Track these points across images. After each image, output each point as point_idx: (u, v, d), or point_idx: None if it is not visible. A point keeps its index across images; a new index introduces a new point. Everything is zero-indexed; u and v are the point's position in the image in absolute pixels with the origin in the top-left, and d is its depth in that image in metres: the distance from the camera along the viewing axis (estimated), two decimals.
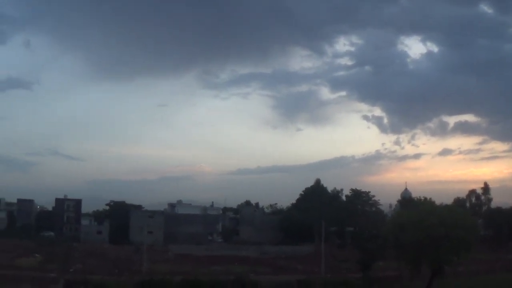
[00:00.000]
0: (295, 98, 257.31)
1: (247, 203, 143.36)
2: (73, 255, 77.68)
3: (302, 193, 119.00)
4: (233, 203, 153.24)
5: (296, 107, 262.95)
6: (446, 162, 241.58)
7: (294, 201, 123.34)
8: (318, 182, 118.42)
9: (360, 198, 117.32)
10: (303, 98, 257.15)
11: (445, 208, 58.55)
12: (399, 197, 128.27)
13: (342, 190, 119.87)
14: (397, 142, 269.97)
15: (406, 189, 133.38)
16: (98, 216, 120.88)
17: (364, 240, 76.47)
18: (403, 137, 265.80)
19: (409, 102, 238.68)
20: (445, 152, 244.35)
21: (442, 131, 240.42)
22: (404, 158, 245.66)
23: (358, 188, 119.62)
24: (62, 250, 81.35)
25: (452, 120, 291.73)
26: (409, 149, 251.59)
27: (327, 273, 64.66)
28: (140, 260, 69.52)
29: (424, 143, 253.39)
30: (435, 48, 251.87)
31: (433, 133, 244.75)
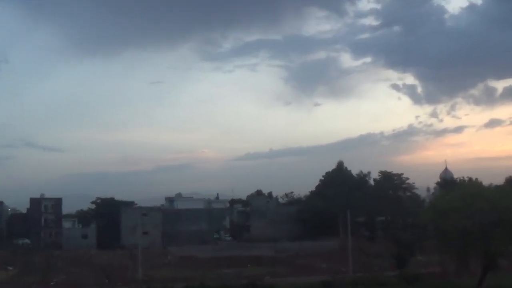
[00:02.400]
0: (311, 68, 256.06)
1: (258, 193, 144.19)
2: (55, 265, 77.64)
3: (323, 178, 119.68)
4: (242, 193, 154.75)
5: (313, 79, 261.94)
6: (494, 135, 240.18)
7: (313, 189, 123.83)
8: (340, 164, 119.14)
9: (392, 182, 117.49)
10: (321, 67, 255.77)
11: (495, 189, 57.47)
12: (438, 179, 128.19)
13: (369, 173, 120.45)
14: (433, 114, 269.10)
15: (446, 168, 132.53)
16: (83, 217, 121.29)
17: (398, 231, 76.30)
18: (441, 108, 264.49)
19: (447, 66, 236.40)
20: (493, 123, 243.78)
21: (489, 98, 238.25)
22: (443, 132, 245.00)
23: (388, 170, 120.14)
24: (41, 259, 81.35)
25: (500, 84, 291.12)
26: (448, 122, 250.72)
27: (356, 271, 64.49)
28: (134, 267, 69.30)
29: (467, 114, 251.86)
30: (478, 0, 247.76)
31: (478, 101, 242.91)
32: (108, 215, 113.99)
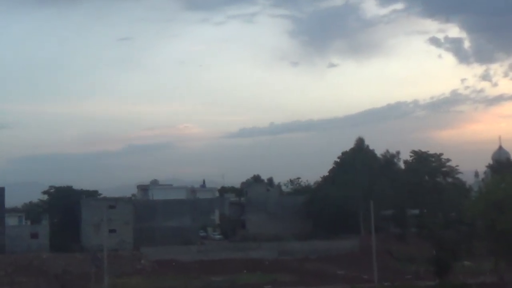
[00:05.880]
0: (325, 17, 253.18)
1: (256, 178, 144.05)
2: None
3: (338, 160, 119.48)
4: (235, 180, 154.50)
5: (327, 32, 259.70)
6: None
7: (325, 173, 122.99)
8: (360, 142, 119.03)
9: (428, 165, 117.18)
10: (337, 17, 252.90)
11: None
12: (490, 161, 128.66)
13: (398, 153, 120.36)
14: (485, 77, 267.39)
15: (500, 147, 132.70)
16: (32, 212, 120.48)
17: (437, 228, 76.34)
18: (496, 68, 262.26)
19: (505, 13, 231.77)
20: None
21: None
22: (498, 100, 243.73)
23: (423, 150, 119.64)
24: None
25: None
26: (505, 86, 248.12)
27: (383, 280, 65.09)
28: (99, 274, 69.38)
29: None
30: None
31: None
32: (65, 208, 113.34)
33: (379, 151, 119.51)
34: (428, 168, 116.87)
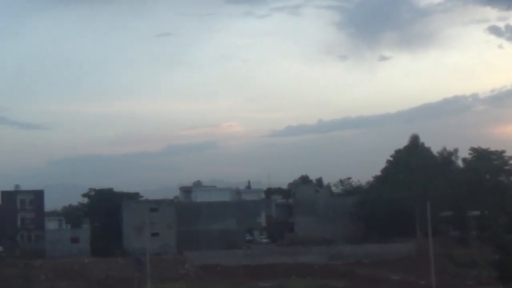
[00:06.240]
0: (375, 7, 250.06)
1: (304, 179, 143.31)
2: (37, 279, 78.87)
3: (391, 159, 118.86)
4: (282, 180, 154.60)
5: (377, 23, 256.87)
6: None
7: (378, 173, 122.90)
8: (415, 139, 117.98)
9: (489, 163, 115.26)
10: (388, 6, 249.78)
11: None
12: None
13: (456, 150, 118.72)
14: None
15: None
16: (72, 215, 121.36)
17: (501, 230, 75.00)
18: None
19: None
20: None
21: None
22: None
23: (484, 147, 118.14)
24: (17, 272, 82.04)
25: None
26: None
27: (442, 285, 64.50)
28: (141, 279, 69.63)
29: None
30: None
31: None
32: (105, 211, 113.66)
33: (435, 149, 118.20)
34: (489, 166, 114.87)
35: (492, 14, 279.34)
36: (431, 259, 64.94)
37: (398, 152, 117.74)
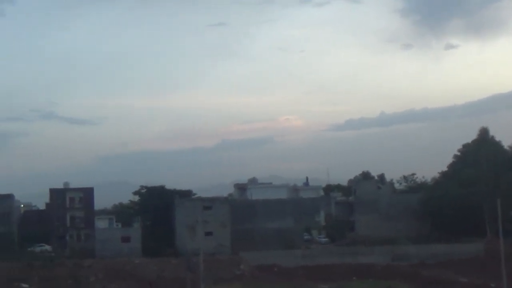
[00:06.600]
0: None
1: (365, 175, 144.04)
2: (87, 280, 78.64)
3: (458, 153, 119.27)
4: (342, 177, 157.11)
5: (444, 9, 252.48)
6: None
7: (444, 168, 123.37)
8: (484, 132, 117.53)
9: None
10: None
11: None
12: None
13: None
14: None
15: None
16: (122, 213, 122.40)
17: None
18: None
19: None
20: None
21: None
22: None
23: None
24: (67, 272, 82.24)
25: None
26: None
27: None
28: (194, 280, 68.62)
29: None
30: None
31: None
32: (157, 210, 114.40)
33: (506, 142, 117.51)
34: None
35: None
36: (502, 260, 63.39)
37: (466, 146, 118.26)
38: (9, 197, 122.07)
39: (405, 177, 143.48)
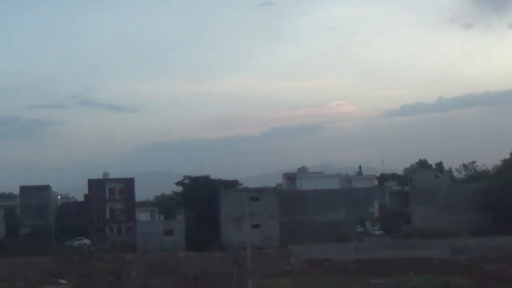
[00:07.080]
0: None
1: (422, 164, 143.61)
2: (128, 274, 78.99)
3: None
4: (397, 165, 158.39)
5: None
6: None
7: (507, 156, 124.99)
8: None
9: None
10: None
11: None
12: None
13: None
14: None
15: None
16: (165, 205, 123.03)
17: None
18: None
19: None
20: None
21: None
22: None
23: None
24: (107, 267, 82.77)
25: None
26: None
27: None
28: (241, 275, 68.94)
29: None
30: None
31: None
32: (202, 201, 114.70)
33: None
34: None
35: None
36: None
37: None
38: (46, 188, 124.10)
39: (464, 166, 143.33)
